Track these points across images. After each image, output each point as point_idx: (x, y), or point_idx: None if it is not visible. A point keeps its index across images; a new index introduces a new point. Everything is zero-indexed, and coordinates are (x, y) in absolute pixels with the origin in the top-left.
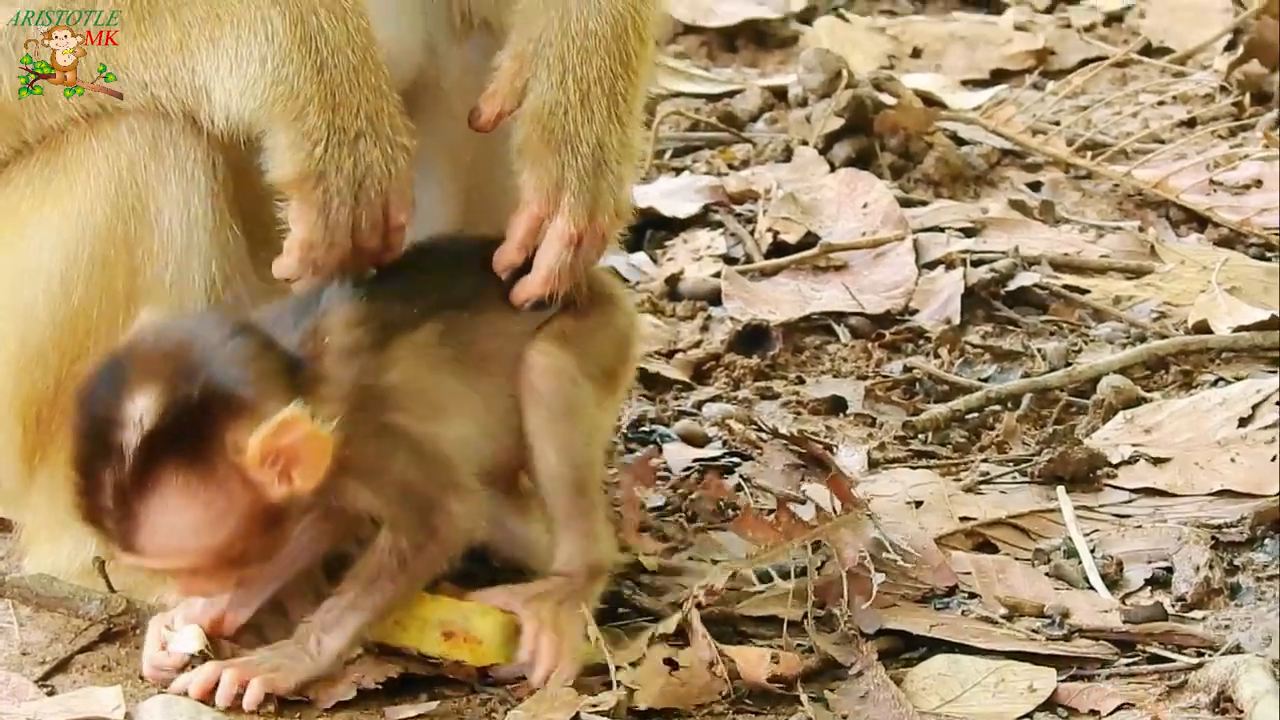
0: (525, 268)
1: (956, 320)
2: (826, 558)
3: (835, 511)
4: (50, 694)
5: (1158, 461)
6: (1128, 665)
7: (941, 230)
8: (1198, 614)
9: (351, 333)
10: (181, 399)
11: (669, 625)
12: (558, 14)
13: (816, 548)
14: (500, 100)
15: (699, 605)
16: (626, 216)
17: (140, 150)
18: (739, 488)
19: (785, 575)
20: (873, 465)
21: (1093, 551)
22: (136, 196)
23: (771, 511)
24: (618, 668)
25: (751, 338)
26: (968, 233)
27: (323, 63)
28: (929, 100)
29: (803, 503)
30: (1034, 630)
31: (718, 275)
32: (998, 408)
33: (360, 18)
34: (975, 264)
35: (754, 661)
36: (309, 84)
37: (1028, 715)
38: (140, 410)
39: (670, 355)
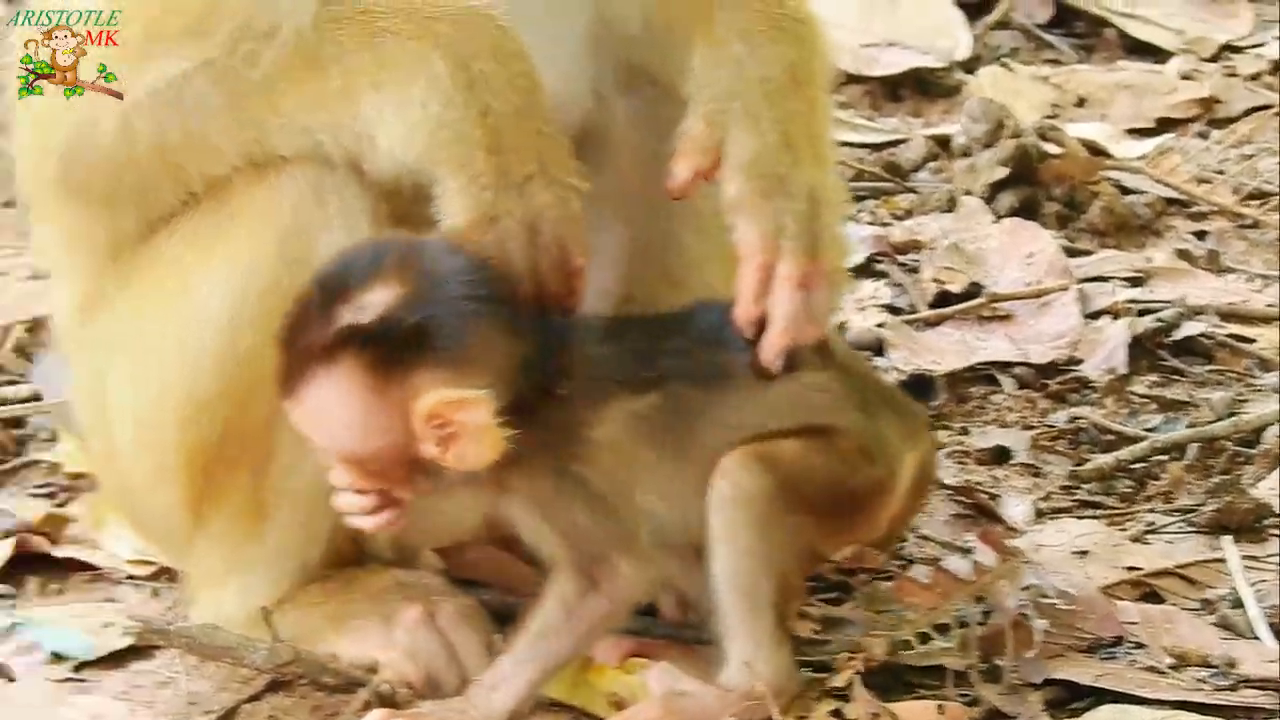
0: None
1: (1122, 370)
2: (989, 609)
3: (991, 565)
4: None
5: None
6: None
7: (1106, 280)
8: None
9: (579, 375)
10: (405, 316)
11: (835, 682)
12: (733, 70)
13: (978, 600)
14: (694, 161)
15: (859, 673)
16: (848, 255)
17: (304, 198)
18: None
19: (960, 626)
20: (1038, 515)
21: (1259, 601)
22: (301, 245)
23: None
24: None
25: (916, 388)
26: (1133, 282)
27: (487, 107)
28: (1094, 149)
29: (968, 552)
30: (1200, 680)
31: (882, 325)
32: (1163, 457)
33: (523, 62)
34: (1141, 313)
35: (920, 715)
36: (474, 129)
37: None
38: (372, 298)
39: None
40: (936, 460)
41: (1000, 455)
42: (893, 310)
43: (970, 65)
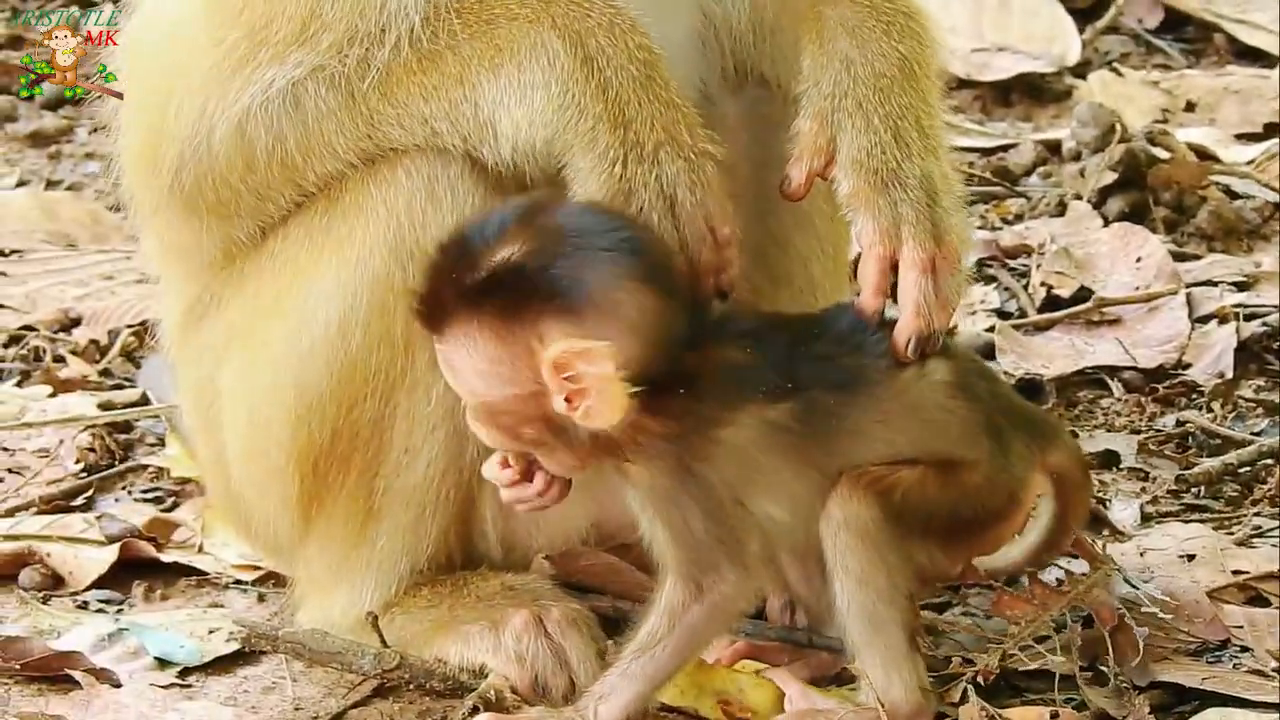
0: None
1: (1229, 374)
2: (1088, 614)
3: (1084, 573)
4: None
5: None
6: None
7: (1214, 284)
8: None
9: (716, 372)
10: (533, 264)
11: (950, 693)
12: (843, 66)
13: (1074, 609)
14: (808, 161)
15: (973, 683)
16: (969, 242)
17: (418, 194)
18: None
19: (1058, 631)
20: (1145, 519)
21: None
22: (415, 241)
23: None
24: None
25: (1025, 391)
26: (1240, 286)
27: (606, 81)
28: (1202, 154)
29: (1074, 558)
30: None
31: (992, 329)
32: (1270, 461)
33: (640, 35)
34: (1248, 318)
35: (1032, 719)
36: (595, 103)
37: None
38: (507, 247)
39: None
40: (1081, 456)
41: (1108, 459)
42: (1002, 314)
43: (1080, 70)
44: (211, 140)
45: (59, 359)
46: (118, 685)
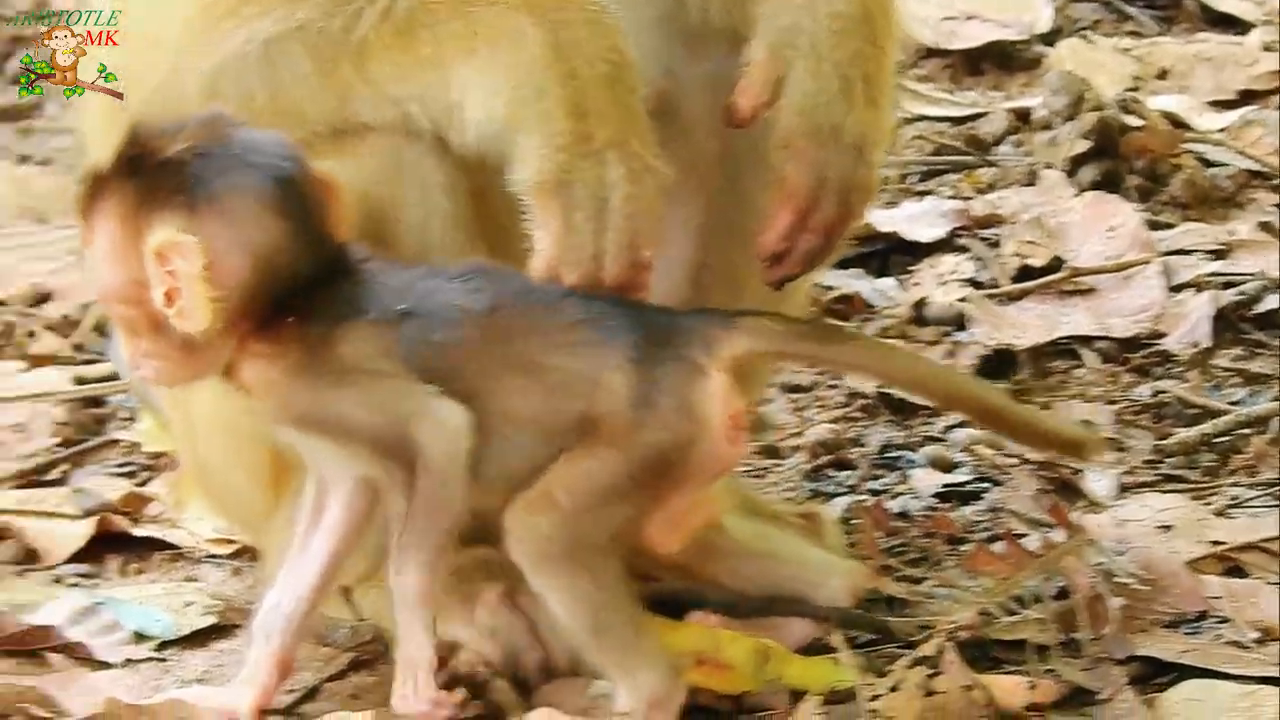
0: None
1: (1205, 343)
2: (1067, 585)
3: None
4: None
5: None
6: None
7: (1189, 253)
8: None
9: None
10: (170, 155)
11: (925, 650)
12: (803, 4)
13: (1048, 576)
14: (756, 94)
15: (952, 638)
16: (875, 196)
17: (382, 171)
18: (995, 510)
19: (1034, 601)
20: (1122, 490)
21: None
22: (378, 217)
23: (996, 540)
24: (872, 696)
25: (998, 362)
26: (1216, 255)
27: (573, 70)
28: (1175, 122)
29: (1051, 528)
30: None
31: (964, 300)
32: (1247, 431)
33: (616, 36)
34: (1224, 286)
35: (1011, 690)
36: (557, 86)
37: None
38: (168, 143)
39: None
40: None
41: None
42: (974, 284)
43: (1051, 38)
44: (183, 93)
45: (31, 334)
46: (94, 660)
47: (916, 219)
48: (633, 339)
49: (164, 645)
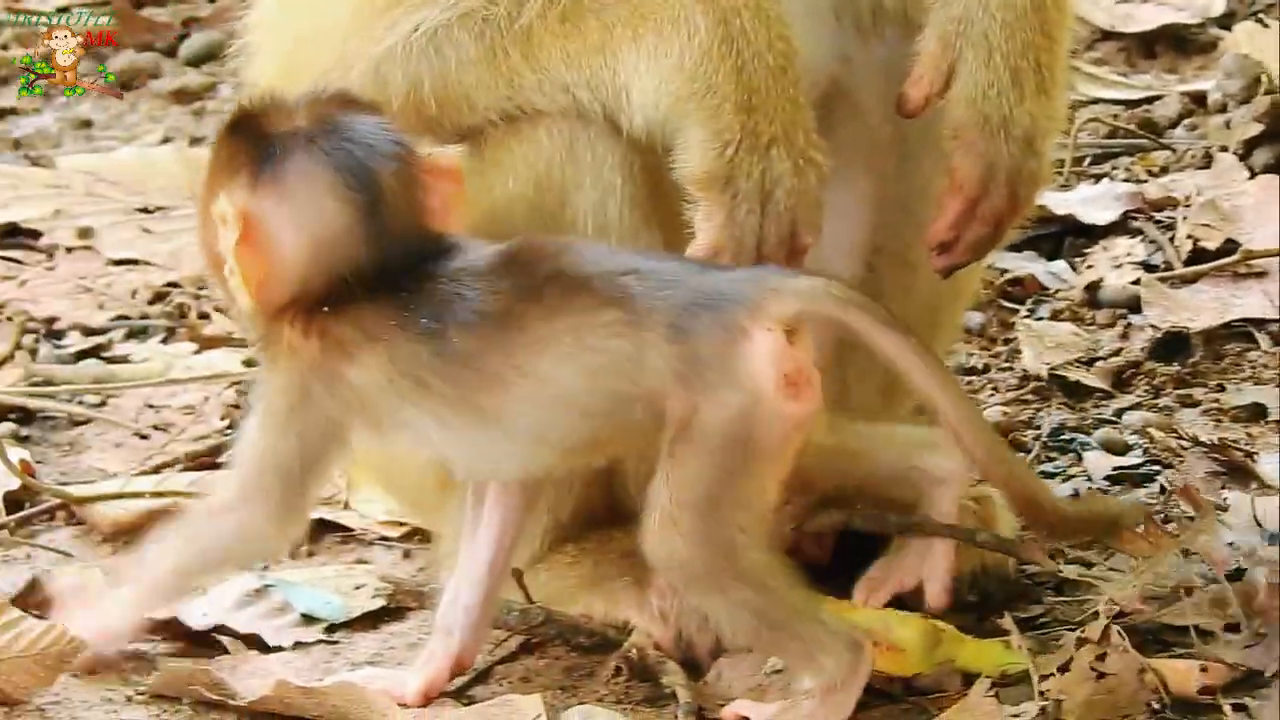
0: None
1: None
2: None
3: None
4: (470, 703)
5: None
6: None
7: None
8: None
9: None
10: (274, 132)
11: (1089, 633)
12: None
13: (1185, 554)
14: (927, 84)
15: (1117, 618)
16: (1047, 183)
17: (558, 153)
18: (1164, 491)
19: (1199, 586)
20: None
21: None
22: (554, 200)
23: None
24: (1042, 677)
25: (1171, 345)
26: None
27: (743, 64)
28: None
29: (1225, 510)
30: None
31: (1137, 283)
32: None
33: (783, 27)
34: None
35: (1183, 673)
36: (726, 82)
37: None
38: (294, 115)
39: (1090, 363)
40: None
41: (1256, 412)
42: (1148, 267)
43: (1226, 21)
44: (348, 79)
45: (203, 315)
46: (263, 643)
47: (1091, 202)
48: (668, 315)
49: (334, 628)
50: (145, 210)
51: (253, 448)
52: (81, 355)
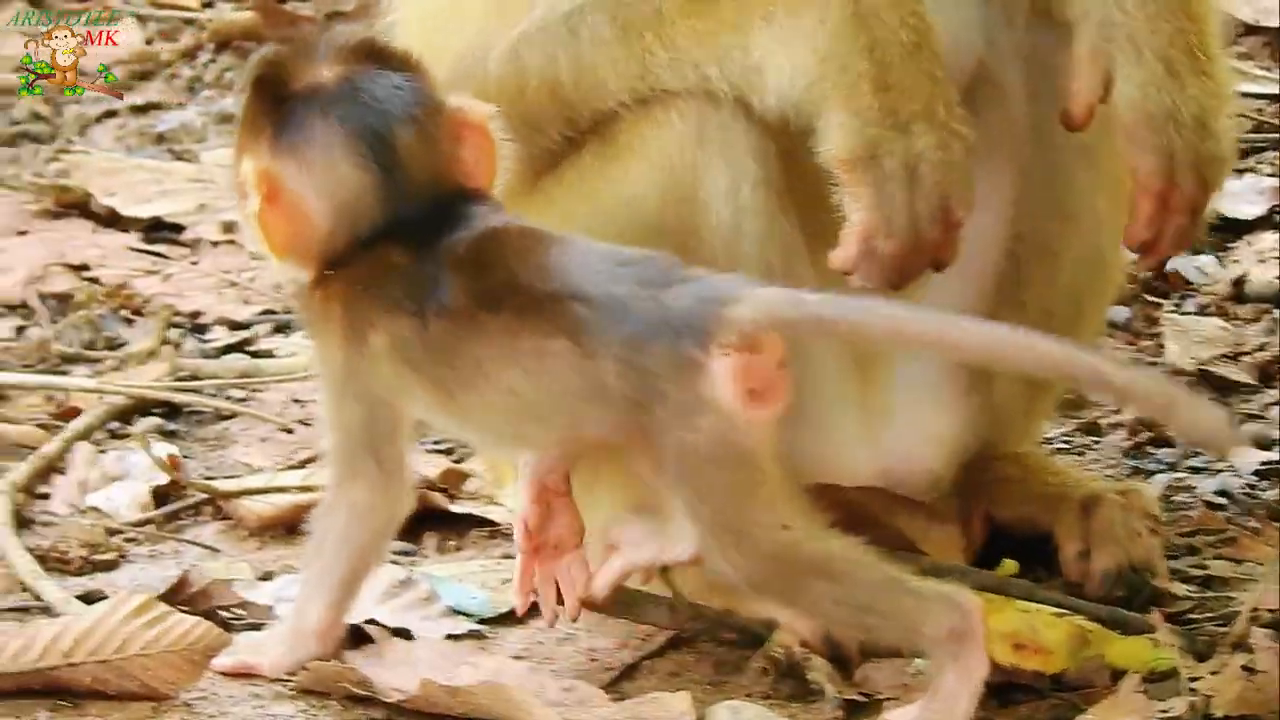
0: None
1: None
2: None
3: None
4: (618, 699)
5: None
6: None
7: None
8: None
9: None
10: (299, 92)
11: (1235, 631)
12: None
13: None
14: (1086, 94)
15: (1256, 619)
16: (1231, 163)
17: (689, 136)
18: None
19: None
20: None
21: None
22: (687, 183)
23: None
24: (1192, 677)
25: None
26: None
27: (875, 42)
28: None
29: None
30: None
31: None
32: None
33: (916, 4)
34: None
35: None
36: (860, 61)
37: None
38: (321, 67)
39: (1236, 358)
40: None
41: None
42: None
43: None
44: (486, 63)
45: None
46: (410, 637)
47: (1236, 196)
48: (615, 348)
49: (480, 623)
50: None
51: (328, 429)
52: (227, 350)
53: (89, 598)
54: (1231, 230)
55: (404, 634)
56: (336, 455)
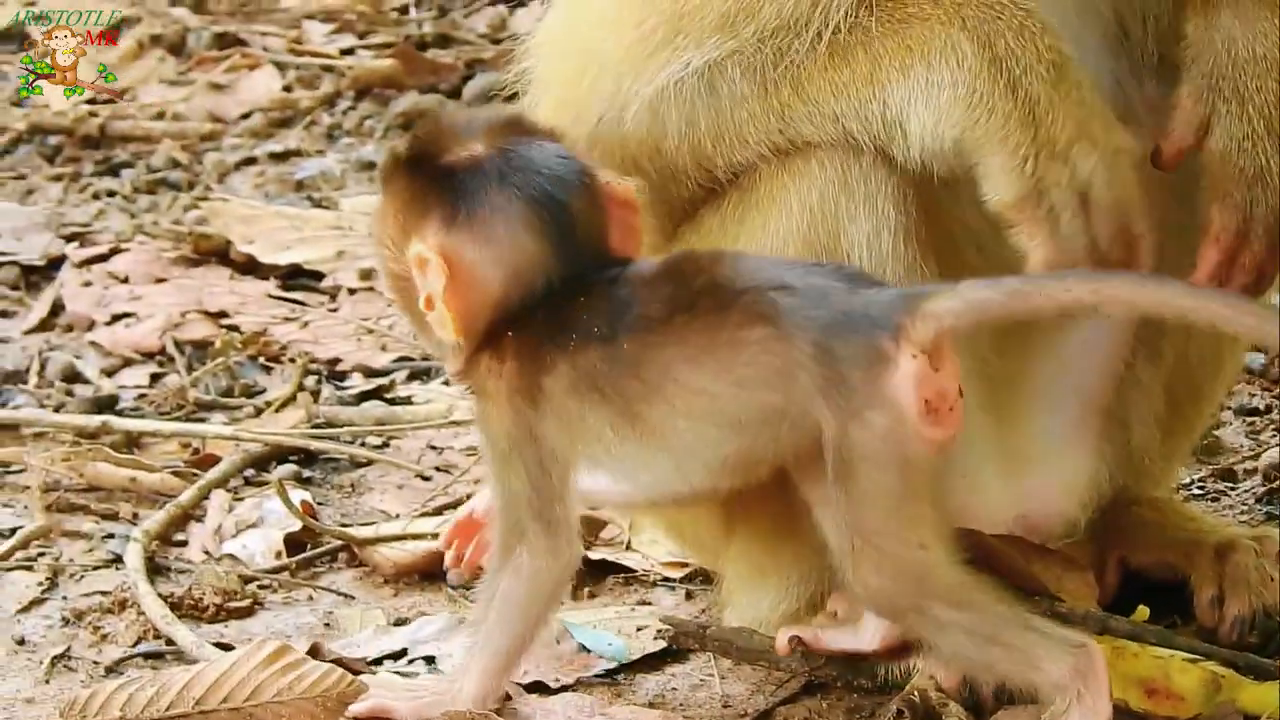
0: None
1: None
2: None
3: None
4: None
5: None
6: None
7: None
8: None
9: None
10: (459, 168)
11: None
12: (1223, 45)
13: None
14: (1180, 138)
15: None
16: None
17: (831, 185)
18: None
19: None
20: None
21: None
22: (828, 232)
23: None
24: None
25: None
26: None
27: (1015, 81)
28: None
29: None
30: None
31: None
32: None
33: (1051, 37)
34: None
35: None
36: (1005, 101)
37: None
38: (469, 144)
39: None
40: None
41: None
42: None
43: None
44: (624, 117)
45: None
46: (546, 690)
47: None
48: (815, 334)
49: (617, 669)
50: None
51: (495, 493)
52: (364, 396)
53: (223, 645)
54: None
55: (540, 687)
56: (502, 519)
